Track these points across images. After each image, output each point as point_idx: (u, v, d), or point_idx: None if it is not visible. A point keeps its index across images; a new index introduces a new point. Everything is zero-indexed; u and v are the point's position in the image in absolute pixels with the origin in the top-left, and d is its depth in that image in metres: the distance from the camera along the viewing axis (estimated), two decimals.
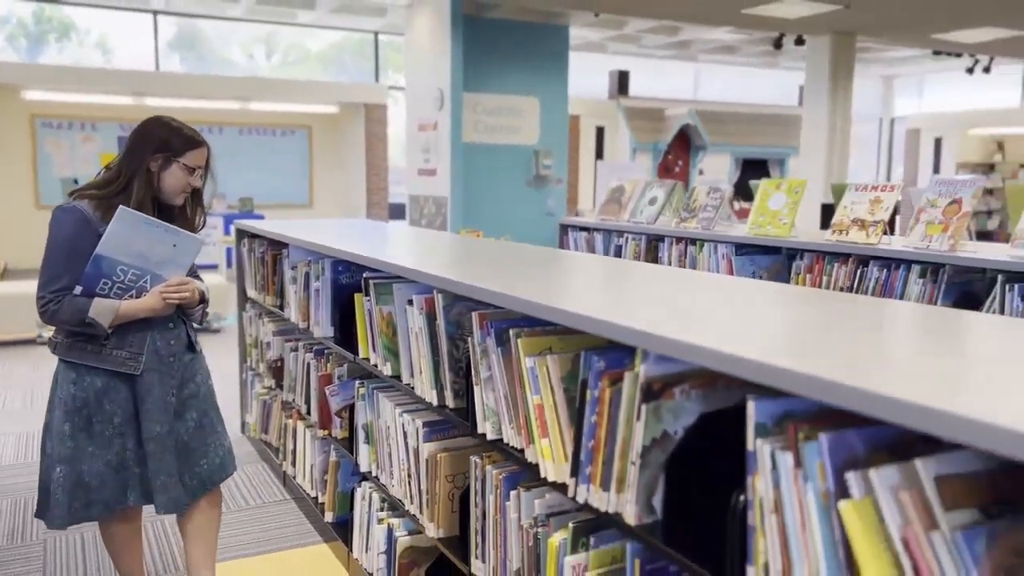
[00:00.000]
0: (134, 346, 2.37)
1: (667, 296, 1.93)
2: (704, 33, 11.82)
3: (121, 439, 2.39)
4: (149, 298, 2.36)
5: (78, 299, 2.29)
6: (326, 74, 14.81)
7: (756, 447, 1.23)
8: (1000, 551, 1.00)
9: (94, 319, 2.28)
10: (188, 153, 2.40)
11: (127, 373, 2.37)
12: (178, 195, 2.44)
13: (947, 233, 3.12)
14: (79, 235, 2.29)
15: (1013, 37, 9.13)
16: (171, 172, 2.39)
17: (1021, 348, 1.41)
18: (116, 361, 2.36)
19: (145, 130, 2.40)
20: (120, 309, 2.32)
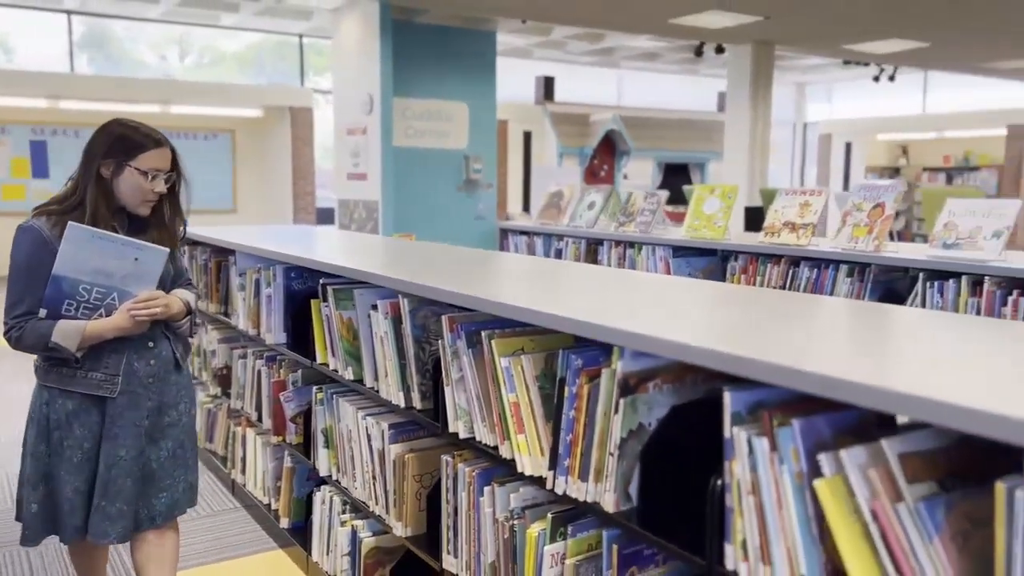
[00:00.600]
0: (110, 367, 2.23)
1: (632, 296, 2.04)
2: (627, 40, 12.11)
3: (91, 464, 2.24)
4: (116, 317, 2.20)
5: (41, 323, 2.15)
6: (244, 76, 14.56)
7: (733, 434, 1.34)
8: (956, 518, 1.13)
9: (58, 343, 2.13)
10: (141, 156, 2.19)
11: (100, 396, 2.23)
12: (140, 204, 2.25)
13: (872, 235, 3.34)
14: (36, 256, 2.15)
15: (916, 48, 9.67)
16: (125, 178, 2.20)
17: (947, 337, 1.57)
18: (91, 384, 2.22)
19: (95, 134, 2.23)
20: (86, 330, 2.16)
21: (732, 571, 1.35)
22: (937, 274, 3.11)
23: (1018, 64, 10.98)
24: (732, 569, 1.35)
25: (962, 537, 1.12)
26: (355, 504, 2.71)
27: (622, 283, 2.33)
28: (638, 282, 2.36)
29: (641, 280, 2.43)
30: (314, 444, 2.96)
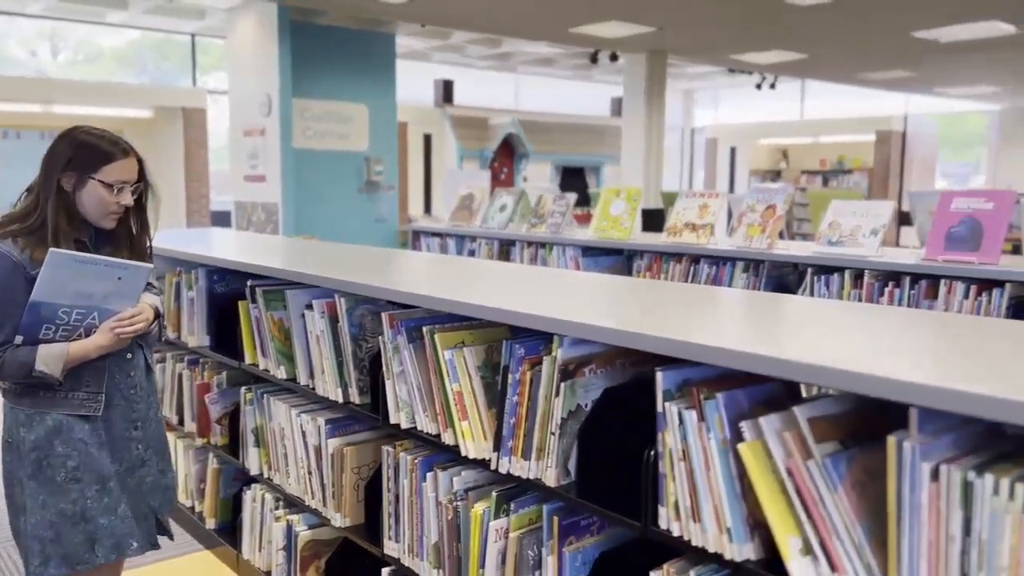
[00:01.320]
0: (91, 385, 2.10)
1: (561, 290, 2.21)
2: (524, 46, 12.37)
3: (78, 485, 2.07)
4: (99, 336, 2.07)
5: (20, 351, 2.01)
6: (124, 74, 14.05)
7: (665, 408, 1.52)
8: (855, 471, 1.34)
9: (43, 371, 2.00)
10: (105, 168, 2.05)
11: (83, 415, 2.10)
12: (104, 218, 2.10)
13: (765, 234, 3.64)
14: (8, 283, 1.99)
15: (795, 60, 10.33)
16: (88, 191, 2.05)
17: (835, 319, 1.80)
18: (73, 404, 2.08)
19: (55, 143, 2.08)
20: (69, 354, 2.04)
21: (666, 530, 1.53)
22: (823, 269, 3.42)
23: (886, 75, 11.85)
24: (666, 528, 1.53)
25: (861, 486, 1.33)
26: (289, 499, 2.77)
27: (547, 279, 2.49)
28: (561, 278, 2.53)
29: (563, 276, 2.60)
30: (243, 444, 3.00)
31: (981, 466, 1.17)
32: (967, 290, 3.04)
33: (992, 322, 1.88)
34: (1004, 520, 1.13)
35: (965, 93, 14.24)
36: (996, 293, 2.98)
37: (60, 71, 13.24)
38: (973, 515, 1.16)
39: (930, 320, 1.89)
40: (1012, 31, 8.16)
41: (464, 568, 1.99)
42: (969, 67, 10.85)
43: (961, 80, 12.46)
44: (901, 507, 1.22)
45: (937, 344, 1.58)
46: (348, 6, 8.57)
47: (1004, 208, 3.03)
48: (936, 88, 13.57)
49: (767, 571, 1.39)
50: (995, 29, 8.11)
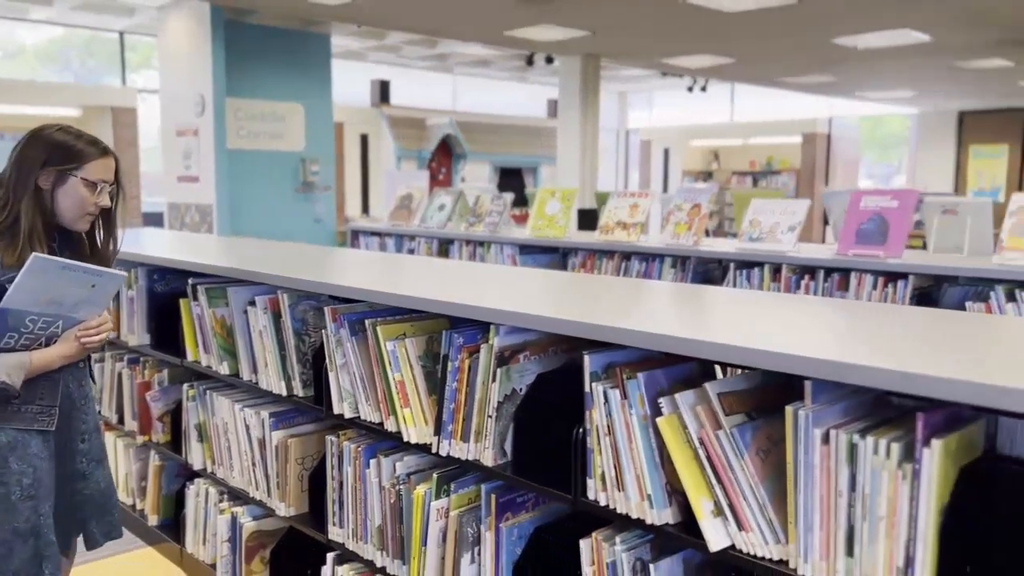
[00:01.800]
0: (45, 398, 2.00)
1: (497, 283, 2.33)
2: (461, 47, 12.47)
3: (32, 502, 1.98)
4: (64, 346, 1.98)
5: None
6: (47, 72, 13.68)
7: (592, 388, 1.65)
8: (759, 439, 1.49)
9: (5, 382, 1.88)
10: (89, 165, 1.96)
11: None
12: (80, 219, 2.01)
13: (691, 231, 3.82)
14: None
15: (723, 64, 10.67)
16: (68, 190, 1.96)
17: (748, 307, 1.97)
18: (26, 418, 1.97)
19: (32, 140, 1.97)
20: (32, 363, 1.93)
21: (594, 500, 1.67)
22: (745, 264, 3.62)
23: (809, 79, 12.32)
24: (593, 499, 1.67)
25: (765, 452, 1.48)
26: (234, 492, 2.83)
27: (484, 274, 2.61)
28: (497, 273, 2.65)
29: (499, 271, 2.73)
30: (186, 440, 3.04)
31: (865, 430, 1.33)
32: (875, 282, 3.26)
33: (887, 307, 2.08)
34: (882, 476, 1.29)
35: (884, 97, 14.86)
36: (900, 284, 3.21)
37: None
38: (858, 472, 1.32)
39: (832, 306, 2.07)
40: (925, 39, 8.61)
41: (407, 547, 2.10)
42: (886, 73, 11.37)
43: (879, 85, 13.02)
44: (797, 468, 1.37)
45: (833, 326, 1.75)
46: (281, 6, 8.55)
47: (907, 206, 3.26)
48: (856, 92, 14.14)
49: (684, 533, 1.54)
50: (909, 37, 8.54)
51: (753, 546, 1.44)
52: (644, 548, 1.66)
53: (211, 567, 2.93)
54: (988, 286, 3.03)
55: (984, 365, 1.36)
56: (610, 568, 1.65)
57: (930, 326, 1.73)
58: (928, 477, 1.25)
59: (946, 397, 1.21)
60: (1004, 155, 15.38)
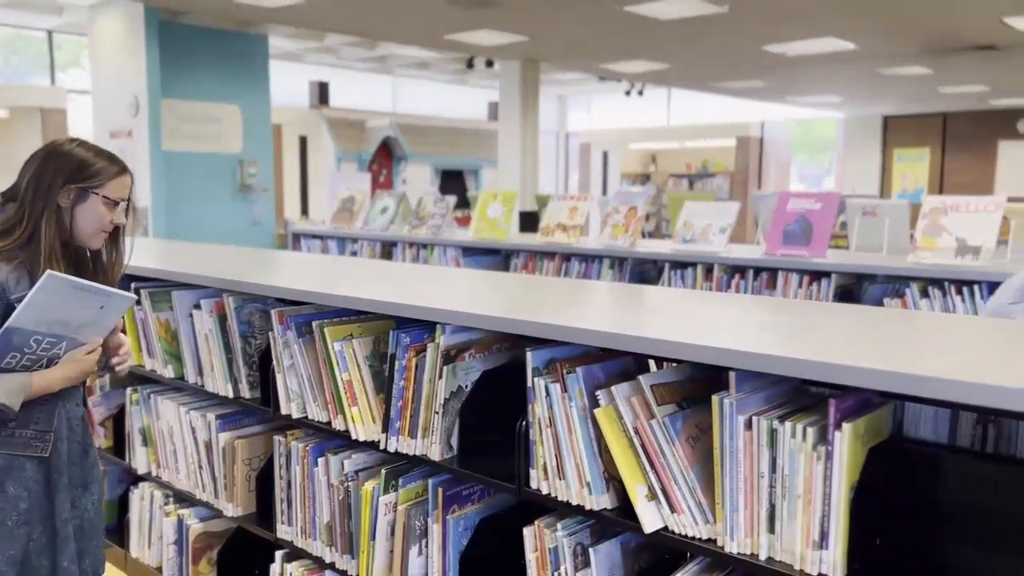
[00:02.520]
0: (41, 423, 1.92)
1: (443, 284, 2.41)
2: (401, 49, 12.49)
3: (26, 527, 1.93)
4: (66, 367, 1.90)
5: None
6: None
7: (534, 383, 1.74)
8: (689, 427, 1.60)
9: (4, 404, 1.81)
10: (111, 183, 1.92)
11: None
12: (96, 236, 1.96)
13: (628, 233, 3.95)
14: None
15: (659, 69, 10.93)
16: (87, 208, 1.91)
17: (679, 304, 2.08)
18: (19, 444, 1.90)
19: (52, 156, 1.91)
20: (32, 385, 1.86)
21: (536, 489, 1.76)
22: (679, 264, 3.77)
23: (742, 84, 12.68)
24: (536, 488, 1.76)
25: (694, 439, 1.59)
26: (179, 495, 2.84)
27: (429, 275, 2.69)
28: (442, 274, 2.73)
29: (444, 272, 2.80)
30: (129, 444, 3.04)
31: (784, 416, 1.45)
32: (800, 280, 3.44)
33: (809, 303, 2.22)
34: (799, 458, 1.41)
35: (813, 102, 15.36)
36: (824, 283, 3.39)
37: None
38: (778, 455, 1.43)
39: (757, 303, 2.20)
40: (850, 47, 8.96)
41: (355, 542, 2.15)
42: (814, 79, 11.78)
43: (808, 90, 13.47)
44: (723, 453, 1.48)
45: (756, 321, 1.87)
46: (216, 7, 8.46)
47: (830, 208, 3.44)
48: (787, 97, 14.59)
49: (621, 517, 1.64)
50: (834, 45, 8.88)
51: (684, 527, 1.54)
52: (584, 533, 1.76)
53: (157, 570, 2.93)
54: (904, 283, 3.23)
55: (891, 355, 1.49)
56: (552, 553, 1.74)
57: (846, 321, 1.87)
58: (839, 458, 1.37)
59: (854, 384, 1.33)
60: (926, 158, 16.05)
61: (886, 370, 1.30)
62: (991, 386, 1.20)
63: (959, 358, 1.47)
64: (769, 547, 1.45)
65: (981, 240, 3.06)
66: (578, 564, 1.73)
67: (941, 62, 9.97)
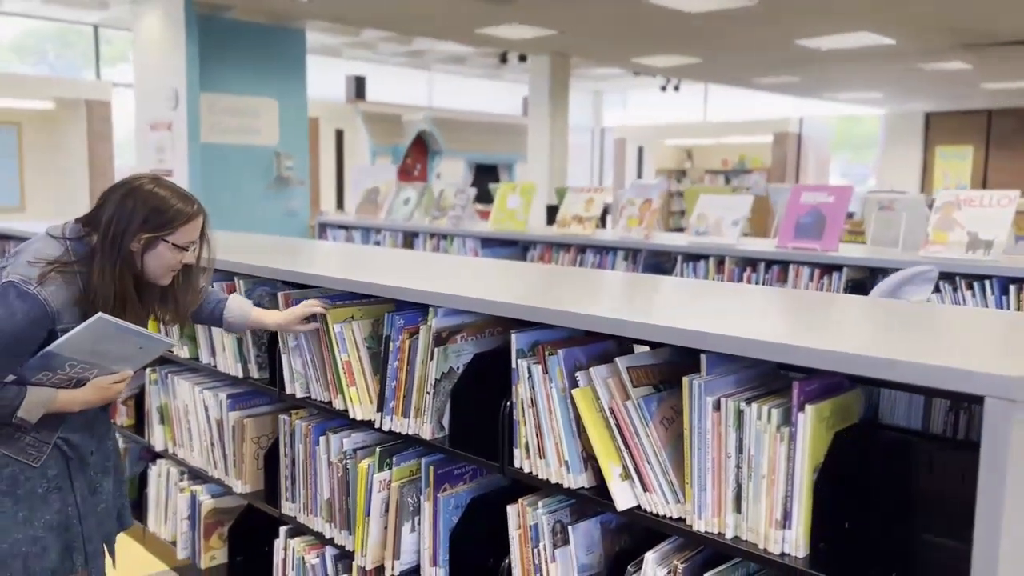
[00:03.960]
0: (41, 432, 1.91)
1: (442, 270, 2.46)
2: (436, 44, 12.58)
3: (59, 493, 1.95)
4: (90, 392, 1.92)
5: (7, 390, 1.82)
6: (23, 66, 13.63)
7: (518, 365, 1.79)
8: (664, 409, 1.63)
9: (23, 418, 1.84)
10: (181, 229, 1.92)
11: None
12: (164, 276, 1.97)
13: (642, 225, 3.97)
14: (32, 331, 1.81)
15: (692, 63, 10.86)
16: (157, 254, 1.91)
17: (676, 292, 2.11)
18: (16, 447, 1.89)
19: (130, 196, 1.89)
20: (55, 402, 1.88)
21: (519, 467, 1.80)
22: (692, 256, 3.78)
23: (776, 80, 12.55)
24: (519, 466, 1.80)
25: (668, 421, 1.62)
26: (193, 472, 2.94)
27: (433, 263, 2.74)
28: (443, 261, 2.78)
29: (445, 260, 2.86)
30: (148, 422, 3.15)
31: (752, 399, 1.48)
32: (812, 273, 3.43)
33: (804, 293, 2.23)
34: (764, 439, 1.43)
35: (852, 98, 15.14)
36: (835, 276, 3.38)
37: None
38: (744, 436, 1.46)
39: (750, 292, 2.22)
40: (886, 42, 8.83)
41: (352, 518, 2.22)
42: (852, 74, 11.61)
43: (846, 86, 13.28)
44: (692, 433, 1.52)
45: (738, 307, 1.90)
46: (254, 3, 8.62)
47: (842, 201, 3.43)
48: (825, 93, 14.40)
49: (598, 496, 1.68)
50: (870, 39, 8.75)
51: (656, 506, 1.58)
52: (564, 512, 1.80)
53: (171, 544, 3.04)
54: None
55: (860, 339, 1.51)
56: (532, 530, 1.79)
57: (832, 309, 1.88)
58: (802, 439, 1.39)
59: (813, 365, 1.36)
60: (969, 156, 15.73)
61: (846, 352, 1.32)
62: (952, 369, 1.20)
63: (932, 344, 1.48)
64: (735, 526, 1.48)
65: (993, 235, 3.03)
66: (557, 541, 1.77)
67: (982, 57, 9.77)
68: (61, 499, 1.95)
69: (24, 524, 1.91)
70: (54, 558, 1.95)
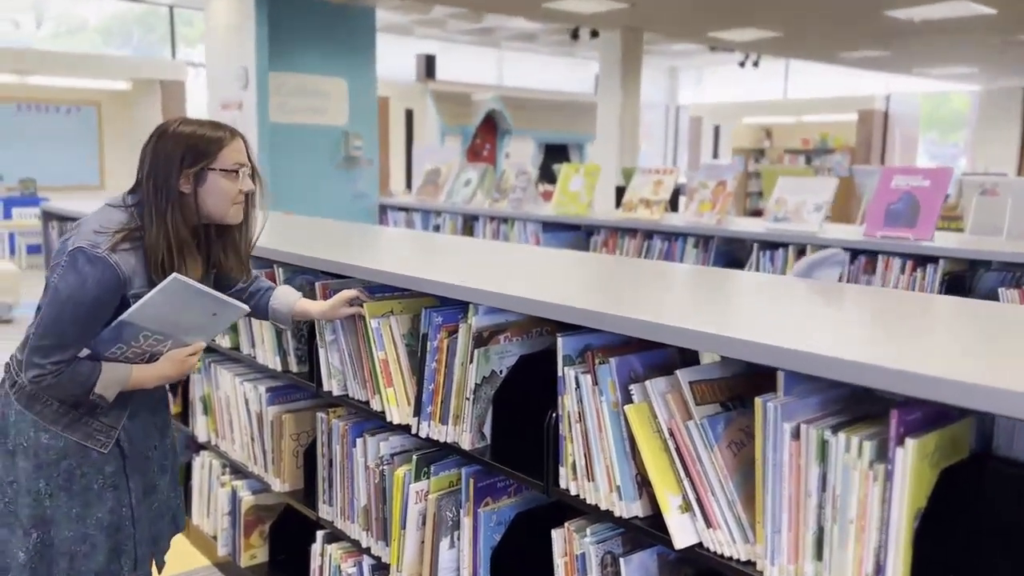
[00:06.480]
0: (110, 416, 1.87)
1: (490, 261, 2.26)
2: (506, 21, 12.33)
3: (115, 492, 1.89)
4: (166, 366, 1.87)
5: (81, 367, 1.77)
6: (109, 47, 13.92)
7: (564, 373, 1.58)
8: (732, 430, 1.40)
9: (101, 394, 1.79)
10: (222, 153, 1.81)
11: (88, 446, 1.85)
12: (229, 211, 1.85)
13: (715, 210, 3.69)
14: (105, 297, 1.75)
15: (773, 38, 10.33)
16: (210, 187, 1.81)
17: (757, 293, 1.86)
18: (84, 432, 1.84)
19: (160, 142, 1.81)
20: (130, 379, 1.83)
21: (565, 489, 1.60)
22: (769, 244, 3.48)
23: (863, 54, 11.88)
24: (565, 487, 1.60)
25: (736, 445, 1.39)
26: (234, 466, 2.83)
27: (484, 252, 2.54)
28: (498, 251, 2.58)
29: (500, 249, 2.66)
30: (192, 412, 3.05)
31: (839, 426, 1.24)
32: (903, 265, 3.10)
33: (895, 294, 1.95)
34: (853, 476, 1.19)
35: (944, 74, 14.28)
36: (930, 269, 3.04)
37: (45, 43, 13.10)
38: (829, 471, 1.22)
39: (837, 293, 1.95)
40: (984, 11, 8.20)
41: (388, 528, 2.06)
42: (946, 47, 10.90)
43: (938, 60, 12.50)
44: (766, 464, 1.28)
45: (825, 314, 1.64)
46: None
47: (940, 185, 3.09)
48: (915, 68, 13.61)
49: (654, 528, 1.46)
50: (969, 9, 8.14)
51: (720, 545, 1.36)
52: (615, 541, 1.59)
53: (213, 539, 2.94)
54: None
55: (978, 361, 1.25)
56: (579, 560, 1.58)
57: (938, 316, 1.61)
58: (901, 479, 1.15)
59: (924, 396, 1.11)
60: None
61: (964, 381, 1.07)
62: None
63: None
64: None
65: None
66: (607, 574, 1.56)
67: None
68: (116, 498, 1.89)
69: (76, 521, 1.85)
70: (101, 560, 1.89)
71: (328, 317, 2.12)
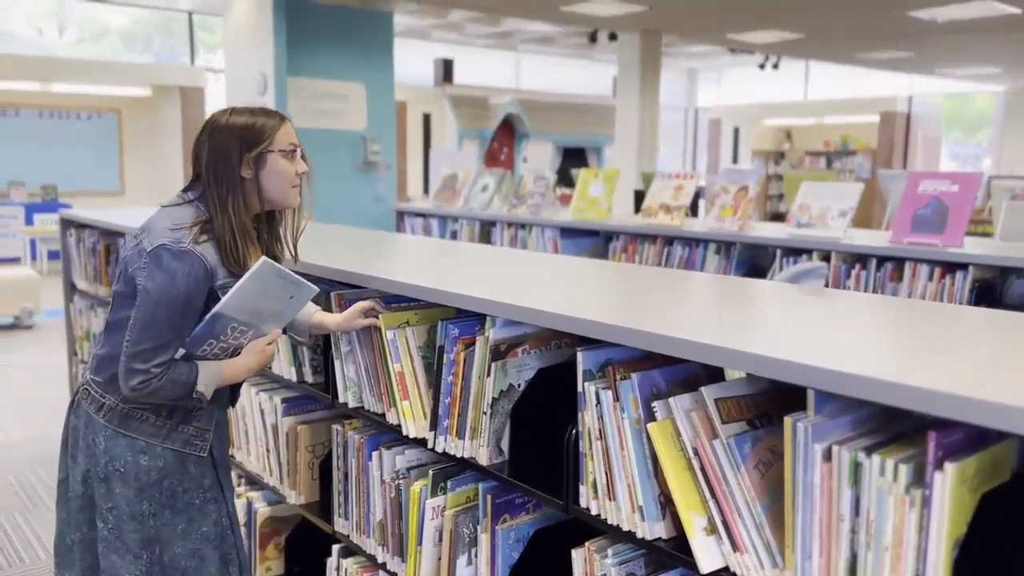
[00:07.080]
0: (201, 420, 1.90)
1: (507, 272, 2.22)
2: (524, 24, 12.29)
3: (215, 504, 1.93)
4: (249, 357, 1.89)
5: (180, 367, 1.77)
6: (130, 53, 14.02)
7: (584, 388, 1.53)
8: (760, 450, 1.35)
9: (203, 392, 1.80)
10: (277, 135, 1.84)
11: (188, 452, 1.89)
12: (289, 193, 1.89)
13: (737, 215, 3.63)
14: (195, 290, 1.75)
15: (794, 39, 10.23)
16: (269, 170, 1.83)
17: (783, 304, 1.81)
18: (182, 439, 1.87)
19: (215, 134, 1.83)
20: (224, 375, 1.85)
21: (585, 508, 1.55)
22: (792, 251, 3.41)
23: (886, 55, 11.74)
24: (585, 507, 1.55)
25: (764, 465, 1.34)
26: (250, 477, 2.81)
27: (502, 260, 2.50)
28: (516, 259, 2.54)
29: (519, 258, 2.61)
30: None
31: (872, 447, 1.18)
32: (931, 272, 3.03)
33: (926, 306, 1.89)
34: (888, 500, 1.14)
35: (968, 74, 14.09)
36: (959, 276, 2.97)
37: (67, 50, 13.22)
38: (862, 495, 1.17)
39: (867, 304, 1.89)
40: (1009, 11, 8.06)
41: (405, 544, 2.02)
42: (969, 48, 10.74)
43: (962, 61, 12.33)
44: (796, 486, 1.23)
45: (855, 327, 1.58)
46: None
47: (969, 191, 3.01)
48: (938, 69, 13.44)
49: (678, 551, 1.41)
50: (994, 9, 8.01)
51: (748, 570, 1.30)
52: (638, 563, 1.54)
53: None
54: None
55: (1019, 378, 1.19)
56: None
57: (973, 329, 1.55)
58: (939, 505, 1.09)
59: (965, 420, 1.05)
60: None
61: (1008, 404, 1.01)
62: None
63: None
64: None
65: None
66: None
67: None
68: (217, 509, 1.94)
69: (183, 537, 1.88)
70: (213, 572, 1.93)
71: (344, 329, 2.09)
